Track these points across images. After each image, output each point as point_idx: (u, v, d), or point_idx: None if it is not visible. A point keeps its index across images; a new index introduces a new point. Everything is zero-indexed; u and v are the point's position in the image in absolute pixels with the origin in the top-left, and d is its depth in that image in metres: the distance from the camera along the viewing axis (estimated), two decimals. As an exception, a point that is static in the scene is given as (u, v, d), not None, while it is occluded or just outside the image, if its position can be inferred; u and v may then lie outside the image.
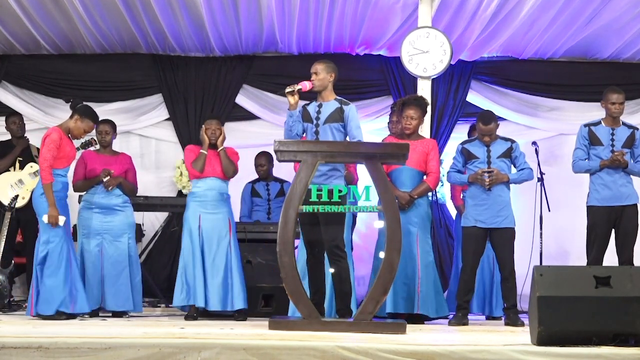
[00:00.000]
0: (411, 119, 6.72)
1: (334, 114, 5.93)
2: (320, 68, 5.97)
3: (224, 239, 6.73)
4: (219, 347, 4.33)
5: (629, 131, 6.72)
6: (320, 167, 5.73)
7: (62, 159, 6.44)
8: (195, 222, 6.75)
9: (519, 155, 6.66)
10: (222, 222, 6.77)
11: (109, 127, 7.20)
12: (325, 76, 5.96)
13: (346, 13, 8.14)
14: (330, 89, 6.01)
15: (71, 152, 6.53)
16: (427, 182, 6.73)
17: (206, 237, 6.73)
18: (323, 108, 5.97)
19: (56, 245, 6.31)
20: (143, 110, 9.24)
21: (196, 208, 6.77)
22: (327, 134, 5.92)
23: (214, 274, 6.65)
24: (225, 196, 6.86)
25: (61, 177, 6.45)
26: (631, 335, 4.46)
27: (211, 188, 6.80)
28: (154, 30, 8.54)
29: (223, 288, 6.64)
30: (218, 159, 6.81)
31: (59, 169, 6.43)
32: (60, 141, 6.42)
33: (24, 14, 8.03)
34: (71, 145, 6.54)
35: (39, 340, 4.38)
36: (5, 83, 9.13)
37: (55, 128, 6.52)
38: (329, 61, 6.07)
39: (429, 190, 6.77)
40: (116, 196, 7.07)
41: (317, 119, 5.97)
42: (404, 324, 5.47)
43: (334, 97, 6.01)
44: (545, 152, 8.76)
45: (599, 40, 8.70)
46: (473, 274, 6.58)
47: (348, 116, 5.92)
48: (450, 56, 7.34)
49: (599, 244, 6.60)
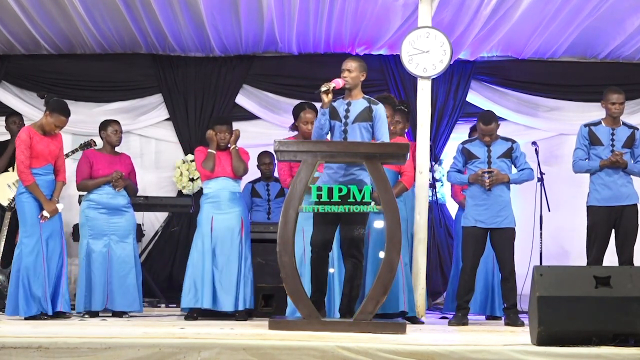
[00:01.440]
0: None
1: (362, 113, 5.86)
2: (354, 66, 5.89)
3: (236, 238, 6.74)
4: (219, 347, 4.34)
5: (629, 131, 6.71)
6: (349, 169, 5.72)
7: (36, 157, 6.43)
8: (208, 224, 6.75)
9: (520, 155, 6.66)
10: (235, 221, 6.78)
11: (120, 126, 7.22)
12: (358, 74, 5.89)
13: (346, 13, 8.14)
14: (359, 88, 5.94)
15: (47, 150, 6.46)
16: (403, 182, 6.70)
17: (219, 238, 6.73)
18: (352, 107, 5.89)
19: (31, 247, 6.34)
20: (143, 110, 9.24)
21: (209, 210, 6.78)
22: (355, 133, 5.84)
23: (226, 274, 6.65)
24: (237, 195, 6.86)
25: (39, 175, 6.44)
26: (631, 335, 4.46)
27: (223, 188, 6.80)
28: (154, 30, 8.54)
29: (236, 288, 6.65)
30: (228, 158, 6.81)
31: (36, 167, 6.43)
32: (31, 140, 6.41)
33: (24, 14, 8.03)
34: (47, 142, 6.48)
35: (39, 340, 4.38)
36: (5, 83, 9.14)
37: (25, 127, 6.57)
38: (361, 59, 6.01)
39: (405, 190, 6.72)
40: (122, 197, 7.08)
41: (346, 118, 5.88)
42: (404, 324, 5.47)
43: (362, 96, 5.94)
44: (545, 152, 8.76)
45: (599, 40, 8.71)
46: (473, 274, 6.58)
47: (376, 116, 5.85)
48: (450, 56, 7.33)
49: (599, 244, 6.60)
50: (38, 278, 6.33)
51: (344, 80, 5.86)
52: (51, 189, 6.52)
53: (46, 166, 6.51)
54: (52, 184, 6.53)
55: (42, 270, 6.35)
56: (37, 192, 6.39)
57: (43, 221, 6.39)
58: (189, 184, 8.96)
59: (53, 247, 6.45)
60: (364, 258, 6.57)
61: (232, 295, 6.63)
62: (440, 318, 7.37)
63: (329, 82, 5.80)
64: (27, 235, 6.42)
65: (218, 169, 6.79)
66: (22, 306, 6.32)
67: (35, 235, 6.39)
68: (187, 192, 8.97)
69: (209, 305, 6.59)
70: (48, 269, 6.38)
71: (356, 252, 5.74)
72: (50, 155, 6.51)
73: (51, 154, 6.51)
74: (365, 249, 6.66)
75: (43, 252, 6.38)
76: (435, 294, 8.79)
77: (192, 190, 8.98)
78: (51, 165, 6.54)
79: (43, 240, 6.39)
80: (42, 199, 6.40)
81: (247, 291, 6.71)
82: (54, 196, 6.51)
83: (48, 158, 6.50)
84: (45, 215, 6.39)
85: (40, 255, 6.37)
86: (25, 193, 6.45)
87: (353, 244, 5.73)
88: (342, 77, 5.87)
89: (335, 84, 5.80)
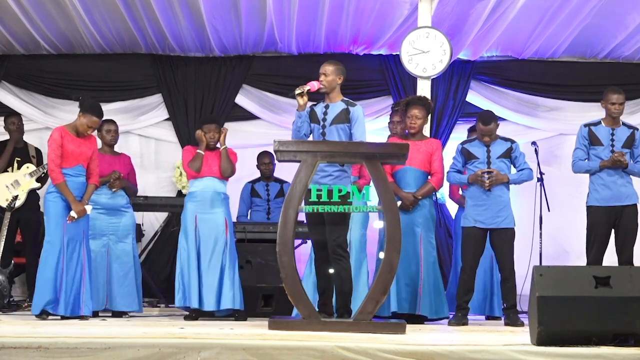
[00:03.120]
0: (416, 118, 6.72)
1: (340, 115, 5.91)
2: (329, 70, 5.95)
3: (220, 238, 6.73)
4: (219, 347, 4.33)
5: (629, 131, 6.71)
6: (326, 168, 5.75)
7: (67, 158, 6.39)
8: (192, 223, 6.74)
9: (519, 155, 6.66)
10: (219, 222, 6.76)
11: (115, 126, 7.21)
12: (334, 78, 5.95)
13: (346, 13, 8.14)
14: (337, 91, 6.00)
15: (78, 150, 6.42)
16: (432, 182, 6.73)
17: (203, 238, 6.71)
18: (330, 109, 5.96)
19: (50, 246, 6.30)
20: (143, 110, 9.24)
21: (193, 208, 6.77)
22: (333, 135, 5.90)
23: (210, 274, 6.64)
24: (222, 196, 6.84)
25: (69, 176, 6.38)
26: (631, 335, 4.45)
27: (208, 188, 6.78)
28: (153, 30, 8.55)
29: (217, 288, 6.63)
30: (216, 159, 6.80)
31: (66, 168, 6.38)
32: (62, 140, 6.39)
33: (24, 14, 8.03)
34: (79, 143, 6.44)
35: (39, 340, 4.37)
36: (5, 83, 9.14)
37: (58, 127, 6.52)
38: (338, 63, 6.05)
39: (433, 190, 6.78)
40: (121, 197, 7.08)
41: (324, 120, 5.95)
42: (403, 324, 5.46)
43: (341, 98, 5.99)
44: (545, 152, 8.76)
45: (599, 40, 8.71)
46: (473, 274, 6.58)
47: (353, 117, 5.90)
48: (450, 56, 7.34)
49: (598, 244, 6.60)
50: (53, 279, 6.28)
51: (319, 84, 5.92)
52: (81, 190, 6.43)
53: (76, 167, 6.43)
54: (82, 186, 6.44)
55: (58, 273, 6.29)
56: (65, 192, 6.32)
57: (70, 221, 6.32)
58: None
59: (73, 250, 6.35)
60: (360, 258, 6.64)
61: (213, 295, 6.60)
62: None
63: (303, 85, 5.86)
64: (49, 237, 6.34)
65: (205, 169, 6.77)
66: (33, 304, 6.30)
67: (56, 235, 6.32)
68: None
69: (196, 305, 6.58)
70: (66, 272, 6.30)
71: (339, 249, 5.74)
72: (81, 157, 6.44)
73: (82, 155, 6.45)
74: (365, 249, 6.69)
75: (63, 255, 6.30)
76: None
77: (191, 190, 8.97)
78: (82, 167, 6.46)
79: (64, 244, 6.33)
80: (71, 198, 6.32)
81: (235, 292, 6.66)
82: (84, 198, 6.42)
83: (79, 159, 6.44)
84: (73, 215, 6.31)
85: (60, 258, 6.29)
86: (54, 192, 6.36)
87: (334, 243, 5.72)
88: (318, 81, 5.93)
89: (310, 87, 5.88)
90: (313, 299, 6.19)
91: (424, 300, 6.60)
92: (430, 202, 6.81)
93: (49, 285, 6.24)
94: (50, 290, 6.24)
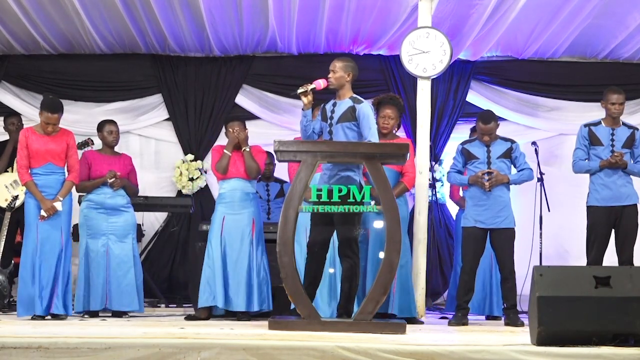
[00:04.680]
0: (389, 118, 6.66)
1: (346, 113, 5.85)
2: (338, 66, 5.90)
3: (246, 238, 6.73)
4: (219, 347, 4.33)
5: (629, 131, 6.71)
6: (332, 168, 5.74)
7: (34, 157, 6.45)
8: (219, 224, 6.75)
9: (519, 155, 6.65)
10: (246, 222, 6.75)
11: (116, 127, 7.22)
12: (343, 75, 5.89)
13: (346, 13, 8.13)
14: (347, 88, 5.93)
15: (43, 148, 6.43)
16: (404, 182, 6.70)
17: (229, 238, 6.72)
18: (337, 107, 5.91)
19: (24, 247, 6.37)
20: (143, 110, 9.24)
21: (222, 210, 6.78)
22: (339, 133, 5.85)
23: (237, 274, 6.65)
24: (251, 196, 6.84)
25: (38, 175, 6.43)
26: (631, 335, 4.46)
27: (235, 189, 6.79)
28: (153, 31, 8.54)
29: (247, 288, 6.63)
30: (242, 159, 6.80)
31: (35, 167, 6.45)
32: (26, 140, 6.44)
33: (24, 14, 8.03)
34: (45, 141, 6.46)
35: (39, 340, 4.38)
36: (5, 83, 9.13)
37: (24, 128, 6.59)
38: (349, 60, 6.00)
39: (406, 190, 6.73)
40: (121, 197, 7.08)
41: (331, 119, 5.91)
42: (404, 324, 5.47)
43: (350, 96, 5.92)
44: (545, 152, 8.76)
45: (599, 40, 8.71)
46: (473, 274, 6.57)
47: (359, 115, 5.83)
48: (450, 56, 7.33)
49: (598, 244, 6.60)
50: (30, 281, 6.32)
51: (326, 81, 5.88)
52: (57, 189, 6.48)
53: (46, 165, 6.48)
54: (57, 184, 6.49)
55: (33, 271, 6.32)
56: (33, 191, 6.40)
57: (41, 220, 6.38)
58: (189, 184, 8.96)
59: (49, 248, 6.40)
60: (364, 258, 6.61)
61: (242, 296, 6.60)
62: (440, 318, 7.37)
63: (307, 84, 5.84)
64: (25, 236, 6.45)
65: (232, 170, 6.78)
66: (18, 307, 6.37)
67: (29, 236, 6.40)
68: (186, 192, 8.97)
69: (222, 305, 6.58)
70: (40, 270, 6.35)
71: (350, 252, 5.72)
72: (49, 154, 6.47)
73: (50, 152, 6.47)
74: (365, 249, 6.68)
75: (37, 254, 6.36)
76: (435, 294, 8.79)
77: (191, 190, 8.98)
78: (53, 165, 6.49)
79: (38, 241, 6.37)
80: (39, 197, 6.39)
81: (263, 292, 6.68)
82: (59, 195, 6.46)
83: (47, 157, 6.47)
84: (43, 214, 6.38)
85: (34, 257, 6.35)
86: (28, 193, 6.45)
87: (346, 244, 5.72)
88: (326, 78, 5.90)
89: (315, 85, 5.86)
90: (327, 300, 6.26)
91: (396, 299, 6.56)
92: (403, 201, 6.68)
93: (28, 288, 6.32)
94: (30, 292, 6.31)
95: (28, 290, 6.33)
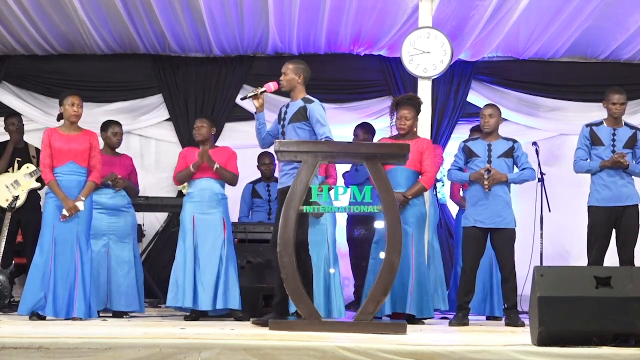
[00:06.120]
0: (405, 119, 6.68)
1: (297, 114, 5.94)
2: (290, 68, 6.01)
3: (217, 238, 6.72)
4: (219, 348, 4.33)
5: (631, 131, 6.71)
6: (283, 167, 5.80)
7: (56, 156, 6.42)
8: (190, 223, 6.74)
9: (521, 155, 6.64)
10: (217, 222, 6.75)
11: (120, 128, 7.22)
12: (293, 77, 5.98)
13: (346, 13, 8.14)
14: (299, 90, 6.02)
15: (66, 147, 6.40)
16: (422, 182, 6.70)
17: (200, 238, 6.71)
18: (289, 108, 6.02)
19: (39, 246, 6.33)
20: (143, 110, 9.25)
21: (191, 209, 6.77)
22: (291, 133, 5.94)
23: (206, 274, 6.63)
24: (220, 196, 6.82)
25: (60, 175, 6.39)
26: (631, 336, 4.45)
27: (205, 188, 6.77)
28: (154, 31, 8.55)
29: (214, 288, 6.62)
30: (216, 159, 6.78)
31: (57, 166, 6.41)
32: (49, 139, 6.42)
33: (24, 14, 8.03)
34: (67, 139, 6.43)
35: (39, 340, 4.38)
36: (5, 83, 9.14)
37: (48, 128, 6.57)
38: (300, 62, 6.10)
39: (424, 190, 6.74)
40: (122, 197, 7.08)
41: (283, 120, 6.03)
42: (404, 324, 5.46)
43: (303, 97, 6.00)
44: (546, 153, 8.76)
45: (600, 40, 8.71)
46: (473, 275, 6.57)
47: (310, 115, 5.90)
48: (451, 56, 7.33)
49: (599, 245, 6.59)
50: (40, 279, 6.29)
51: (277, 84, 5.99)
52: (79, 188, 6.42)
53: (68, 164, 6.41)
54: (79, 184, 6.44)
55: (46, 274, 6.28)
56: (55, 190, 6.34)
57: (63, 220, 6.33)
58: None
59: (63, 249, 6.33)
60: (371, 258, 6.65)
61: (209, 294, 6.59)
62: (441, 318, 7.36)
63: (258, 87, 5.99)
64: (41, 236, 6.38)
65: (203, 170, 6.76)
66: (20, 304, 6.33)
67: (44, 237, 6.34)
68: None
69: (189, 304, 6.57)
70: (55, 273, 6.29)
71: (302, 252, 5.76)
72: (70, 153, 6.41)
73: (72, 151, 6.42)
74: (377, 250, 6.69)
75: (52, 256, 6.30)
76: (435, 294, 8.78)
77: (192, 191, 8.97)
78: (75, 164, 6.43)
79: (53, 242, 6.33)
80: (61, 196, 6.33)
81: (232, 291, 6.65)
82: (80, 195, 6.38)
83: (69, 156, 6.41)
84: (65, 214, 6.33)
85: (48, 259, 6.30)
86: (49, 193, 6.41)
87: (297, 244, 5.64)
88: (277, 81, 6.00)
89: (266, 88, 5.99)
90: None
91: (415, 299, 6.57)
92: (422, 201, 6.76)
93: (37, 286, 6.26)
94: (37, 291, 6.25)
95: (36, 288, 6.27)
